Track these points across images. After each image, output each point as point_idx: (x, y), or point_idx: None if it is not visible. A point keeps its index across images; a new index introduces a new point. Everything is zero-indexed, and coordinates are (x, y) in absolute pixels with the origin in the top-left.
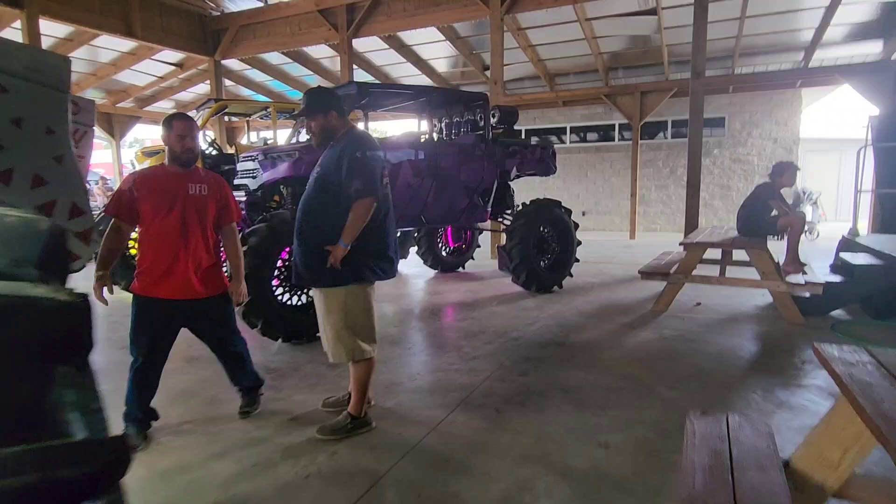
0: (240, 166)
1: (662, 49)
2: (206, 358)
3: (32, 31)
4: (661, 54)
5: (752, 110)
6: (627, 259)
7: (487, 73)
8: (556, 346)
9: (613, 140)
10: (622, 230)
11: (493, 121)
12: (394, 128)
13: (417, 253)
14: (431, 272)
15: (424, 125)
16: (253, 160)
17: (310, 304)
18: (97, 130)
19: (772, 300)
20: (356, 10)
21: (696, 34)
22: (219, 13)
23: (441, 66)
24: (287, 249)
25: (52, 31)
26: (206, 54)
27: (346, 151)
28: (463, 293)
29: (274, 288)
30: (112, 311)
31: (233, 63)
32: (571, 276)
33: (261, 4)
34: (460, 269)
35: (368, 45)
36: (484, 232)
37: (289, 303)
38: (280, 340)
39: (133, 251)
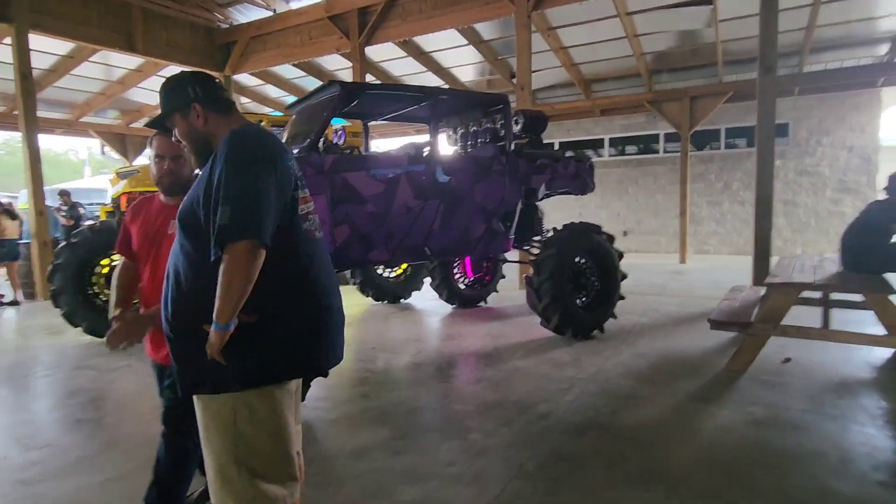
0: None
1: (717, 46)
2: (134, 442)
3: (22, 47)
4: (715, 52)
5: (820, 115)
6: (681, 289)
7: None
8: (600, 433)
9: (657, 152)
10: (669, 251)
11: (516, 129)
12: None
13: (431, 285)
14: (448, 307)
15: (440, 136)
16: None
17: None
18: (110, 152)
19: (890, 355)
20: (369, 15)
21: (764, 21)
22: (227, 25)
23: (465, 75)
24: None
25: (52, 47)
26: (216, 69)
27: (215, 163)
28: (481, 338)
29: None
30: (65, 358)
31: (248, 79)
32: (615, 317)
33: (270, 14)
34: (482, 304)
35: (384, 53)
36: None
37: None
38: None
39: (97, 289)
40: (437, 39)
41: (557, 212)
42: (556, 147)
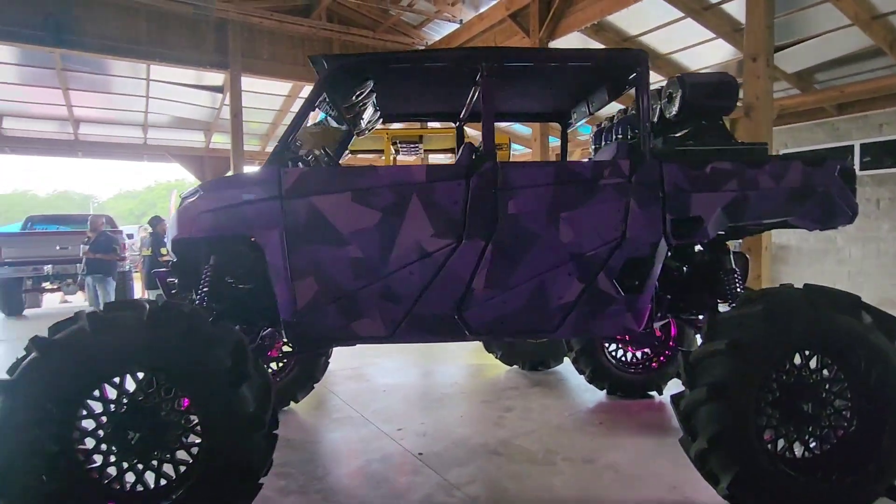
0: None
1: None
2: None
3: (234, 90)
4: None
5: None
6: None
7: (777, 55)
8: None
9: None
10: None
11: (671, 110)
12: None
13: (570, 359)
14: (599, 394)
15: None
16: None
17: None
18: None
19: None
20: (551, 2)
21: None
22: (423, 48)
23: (695, 60)
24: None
25: (275, 89)
26: None
27: None
28: (595, 473)
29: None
30: None
31: None
32: (895, 497)
33: (458, 26)
34: (653, 395)
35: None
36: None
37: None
38: None
39: None
40: (641, 18)
41: (856, 245)
42: (855, 154)
